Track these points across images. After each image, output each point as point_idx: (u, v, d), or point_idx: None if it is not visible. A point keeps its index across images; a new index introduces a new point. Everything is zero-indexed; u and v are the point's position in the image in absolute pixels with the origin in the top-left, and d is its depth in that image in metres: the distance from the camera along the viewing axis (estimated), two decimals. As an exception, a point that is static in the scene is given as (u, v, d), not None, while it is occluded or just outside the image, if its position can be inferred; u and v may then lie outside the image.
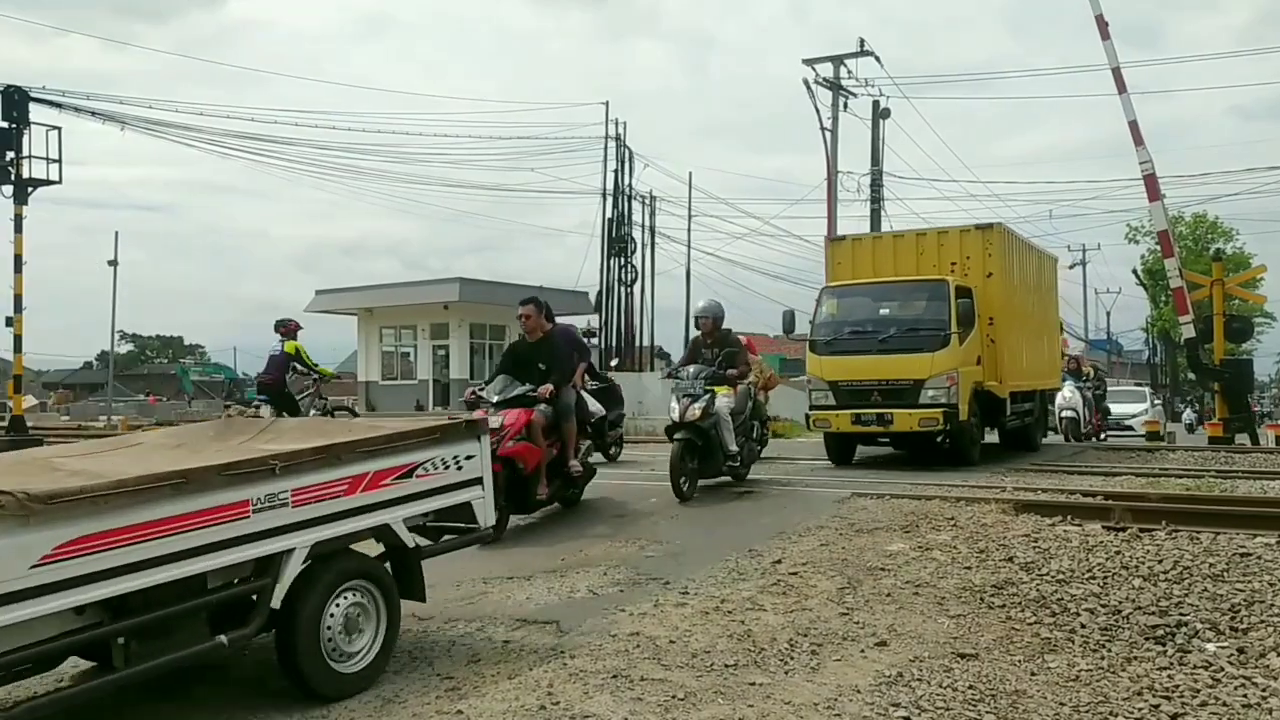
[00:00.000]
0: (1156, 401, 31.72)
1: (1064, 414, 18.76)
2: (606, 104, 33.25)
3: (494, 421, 7.42)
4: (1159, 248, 46.99)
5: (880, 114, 29.16)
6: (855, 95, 29.01)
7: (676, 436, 9.25)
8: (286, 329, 13.54)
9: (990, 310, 13.19)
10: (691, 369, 9.59)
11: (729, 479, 10.11)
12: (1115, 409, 25.72)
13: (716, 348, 9.84)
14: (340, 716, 4.32)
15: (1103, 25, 19.26)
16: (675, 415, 9.24)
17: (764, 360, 13.60)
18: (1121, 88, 19.59)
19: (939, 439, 12.73)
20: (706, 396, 9.24)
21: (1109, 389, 35.20)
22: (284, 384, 13.21)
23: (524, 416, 7.97)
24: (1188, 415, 36.27)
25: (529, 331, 8.65)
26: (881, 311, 12.85)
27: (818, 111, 28.45)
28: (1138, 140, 19.64)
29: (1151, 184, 19.87)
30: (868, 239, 14.85)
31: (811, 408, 12.83)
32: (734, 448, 9.58)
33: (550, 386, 8.28)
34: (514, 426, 7.84)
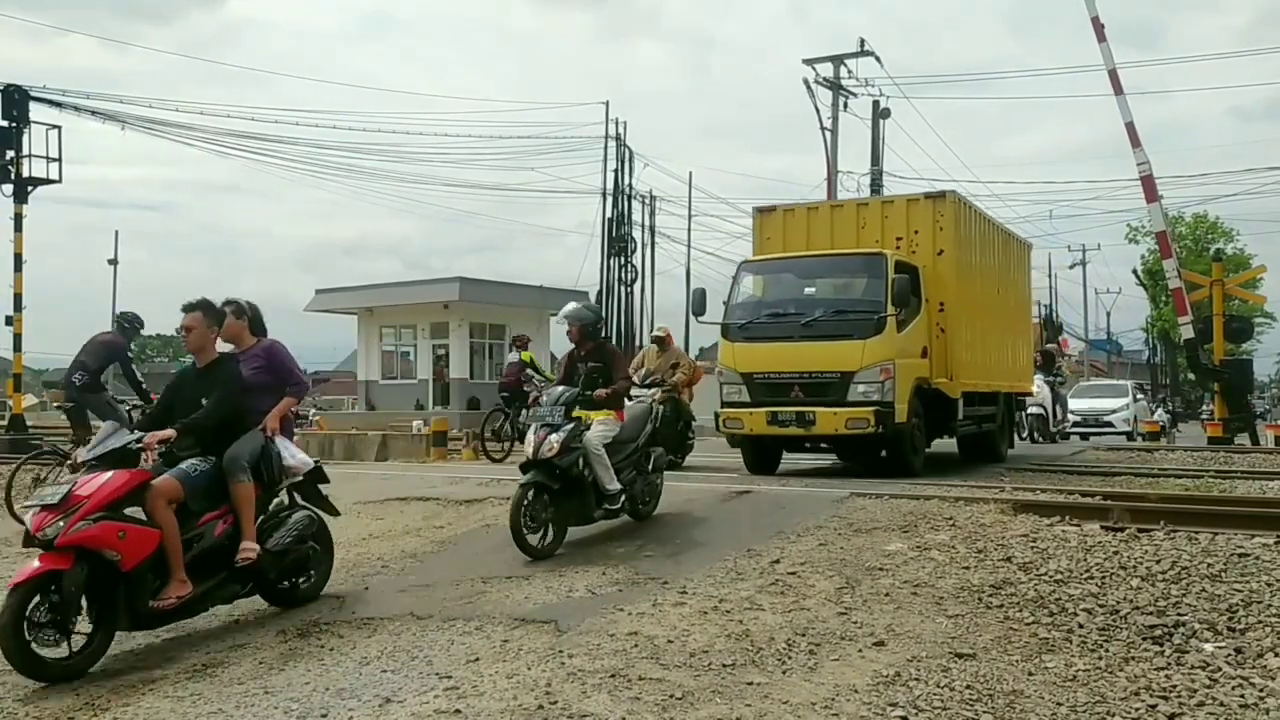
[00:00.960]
0: (1139, 397, 28.83)
1: (1030, 410, 17.25)
2: (606, 104, 33.32)
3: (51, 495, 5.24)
4: (1154, 251, 47.14)
5: (880, 114, 29.15)
6: (855, 95, 29.02)
7: (523, 480, 7.22)
8: (520, 342, 15.72)
9: (941, 294, 11.35)
10: (555, 391, 7.58)
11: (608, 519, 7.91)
12: (1092, 405, 24.72)
13: (591, 361, 7.89)
14: (340, 716, 4.33)
15: (1099, 27, 19.34)
16: (528, 451, 7.30)
17: (681, 351, 12.93)
18: (1118, 89, 19.67)
19: (877, 446, 11.03)
20: (568, 427, 7.29)
21: (1087, 384, 32.54)
22: (519, 385, 14.93)
23: (121, 481, 5.37)
24: (1159, 415, 31.43)
25: (195, 351, 6.22)
26: (806, 291, 11.10)
27: (818, 111, 28.46)
28: (1135, 141, 19.73)
29: (1149, 185, 19.95)
30: (801, 209, 12.34)
31: (722, 405, 10.97)
32: (614, 486, 7.47)
33: (168, 433, 5.69)
34: (95, 498, 5.21)
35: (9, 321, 21.64)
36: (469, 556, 7.46)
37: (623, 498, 7.63)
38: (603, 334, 7.81)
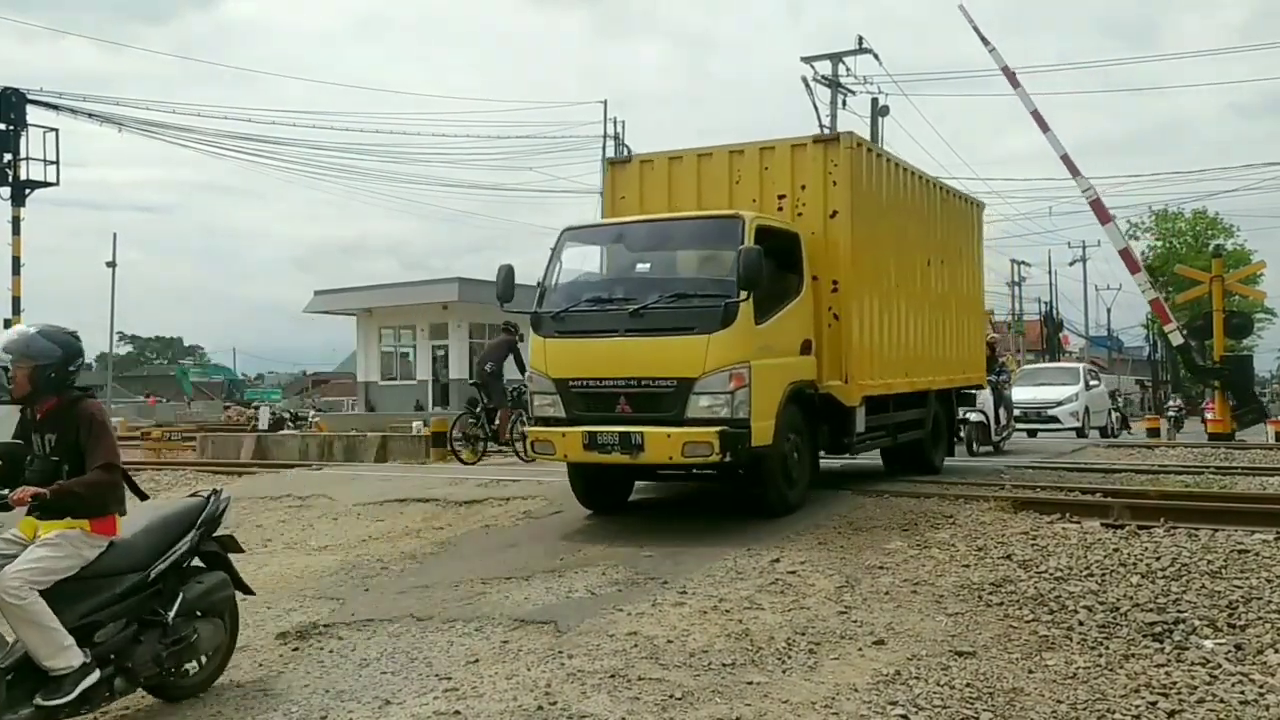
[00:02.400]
0: (1094, 383, 23.26)
1: (969, 416, 14.05)
2: (605, 103, 33.31)
3: None
4: (1157, 247, 47.27)
5: (879, 111, 29.13)
6: (854, 93, 28.97)
7: None
8: (509, 330, 14.28)
9: (833, 269, 8.67)
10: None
11: None
12: (1034, 395, 20.39)
13: (48, 431, 4.39)
14: (339, 717, 4.33)
15: (1010, 76, 20.06)
16: None
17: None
18: (1045, 128, 20.30)
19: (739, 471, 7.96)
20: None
21: (1031, 368, 26.70)
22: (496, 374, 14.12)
23: None
24: (1171, 409, 27.40)
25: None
26: (639, 269, 8.44)
27: (816, 109, 28.40)
28: (1074, 171, 20.27)
29: (1099, 208, 20.43)
30: (662, 160, 9.49)
31: (532, 420, 8.33)
32: (60, 662, 4.06)
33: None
34: None
35: (8, 325, 21.63)
36: (468, 558, 7.45)
37: (89, 680, 4.12)
38: (71, 383, 4.44)
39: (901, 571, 6.46)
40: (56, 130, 21.88)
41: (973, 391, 13.06)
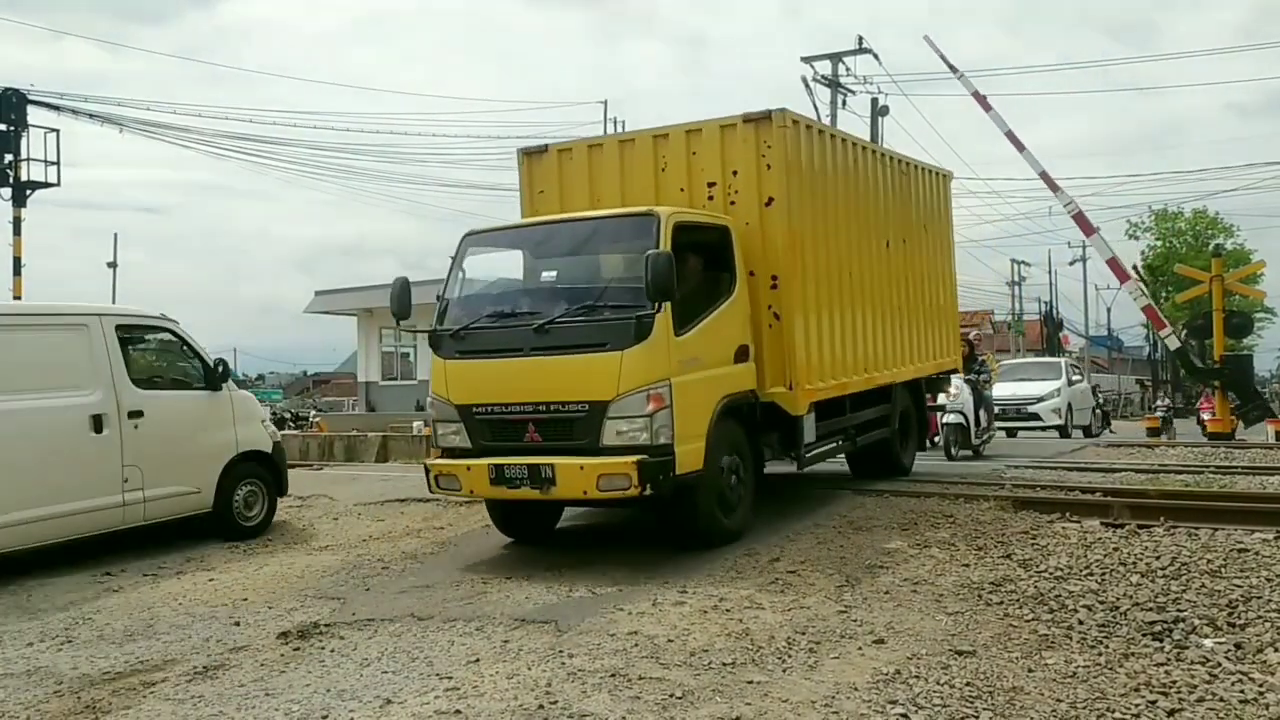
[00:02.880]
0: (1076, 378, 22.17)
1: (947, 418, 13.29)
2: (605, 103, 33.35)
3: None
4: (1157, 247, 47.29)
5: (879, 111, 29.15)
6: (854, 93, 29.01)
7: None
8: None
9: (772, 263, 7.82)
10: None
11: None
12: (1014, 391, 19.17)
13: None
14: (340, 717, 4.34)
15: (981, 100, 20.30)
16: None
17: None
18: (1020, 147, 20.55)
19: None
20: None
21: (1012, 362, 24.97)
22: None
23: None
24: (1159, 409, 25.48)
25: None
26: (545, 277, 7.61)
27: (816, 109, 28.40)
28: (1054, 187, 20.47)
29: (1082, 221, 20.58)
30: (581, 148, 8.69)
31: (438, 451, 7.48)
32: None
33: None
34: None
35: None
36: (469, 557, 7.47)
37: None
38: None
39: (901, 571, 6.46)
40: (57, 131, 21.91)
41: (946, 376, 12.21)
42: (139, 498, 7.93)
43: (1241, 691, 4.40)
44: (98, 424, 7.69)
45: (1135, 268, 45.14)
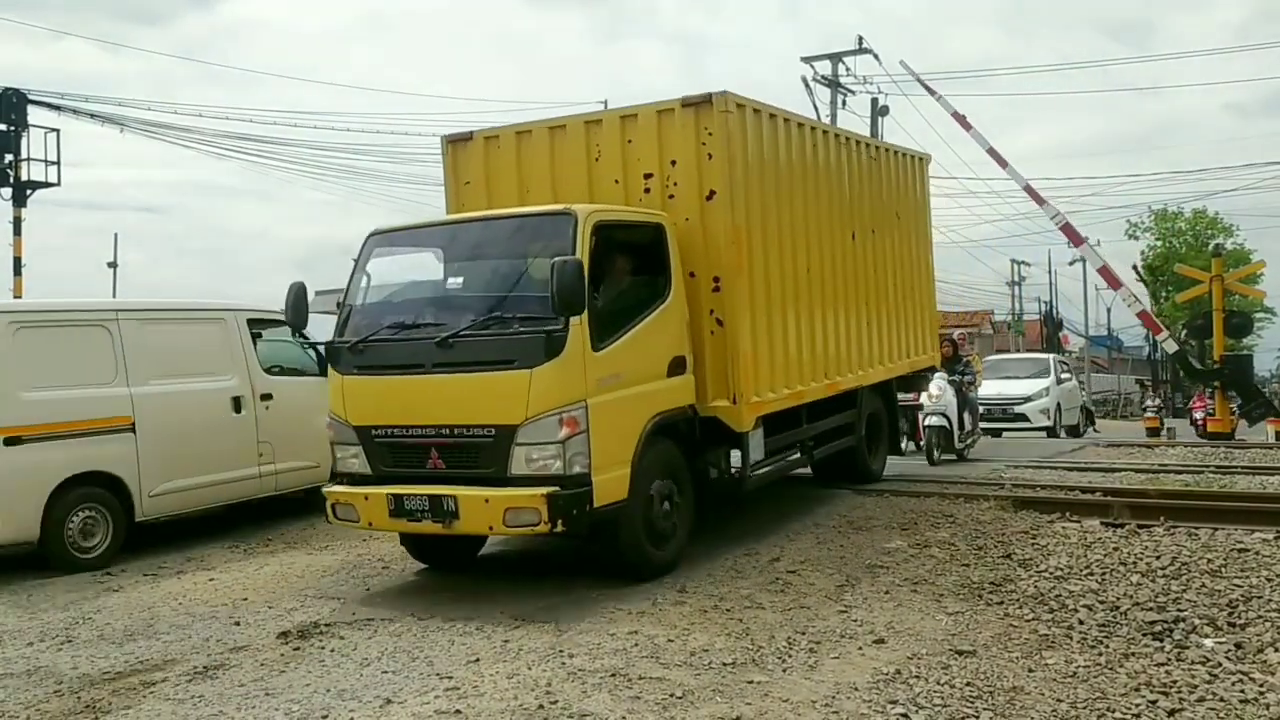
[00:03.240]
0: (1065, 376, 20.74)
1: (929, 420, 12.48)
2: (605, 103, 33.16)
3: None
4: (1157, 247, 47.31)
5: (879, 111, 29.14)
6: (854, 93, 28.99)
7: None
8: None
9: (714, 263, 7.05)
10: None
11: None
12: (1000, 389, 17.77)
13: None
14: (340, 717, 4.34)
15: (961, 119, 20.46)
16: None
17: None
18: (1003, 164, 20.63)
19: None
20: None
21: (996, 358, 23.54)
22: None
23: None
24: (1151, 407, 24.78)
25: None
26: (450, 284, 6.97)
27: (815, 109, 28.38)
28: (1039, 200, 20.56)
29: (1070, 232, 20.71)
30: (509, 135, 7.75)
31: (333, 477, 6.64)
32: None
33: None
34: None
35: (9, 325, 21.64)
36: (469, 557, 7.46)
37: None
38: None
39: (901, 570, 6.47)
40: (58, 131, 21.85)
41: (924, 374, 11.45)
42: (271, 470, 8.97)
43: (1242, 691, 4.40)
44: (237, 405, 8.76)
45: (1135, 268, 45.26)
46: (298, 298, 6.82)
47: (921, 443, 12.59)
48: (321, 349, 8.94)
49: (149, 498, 8.00)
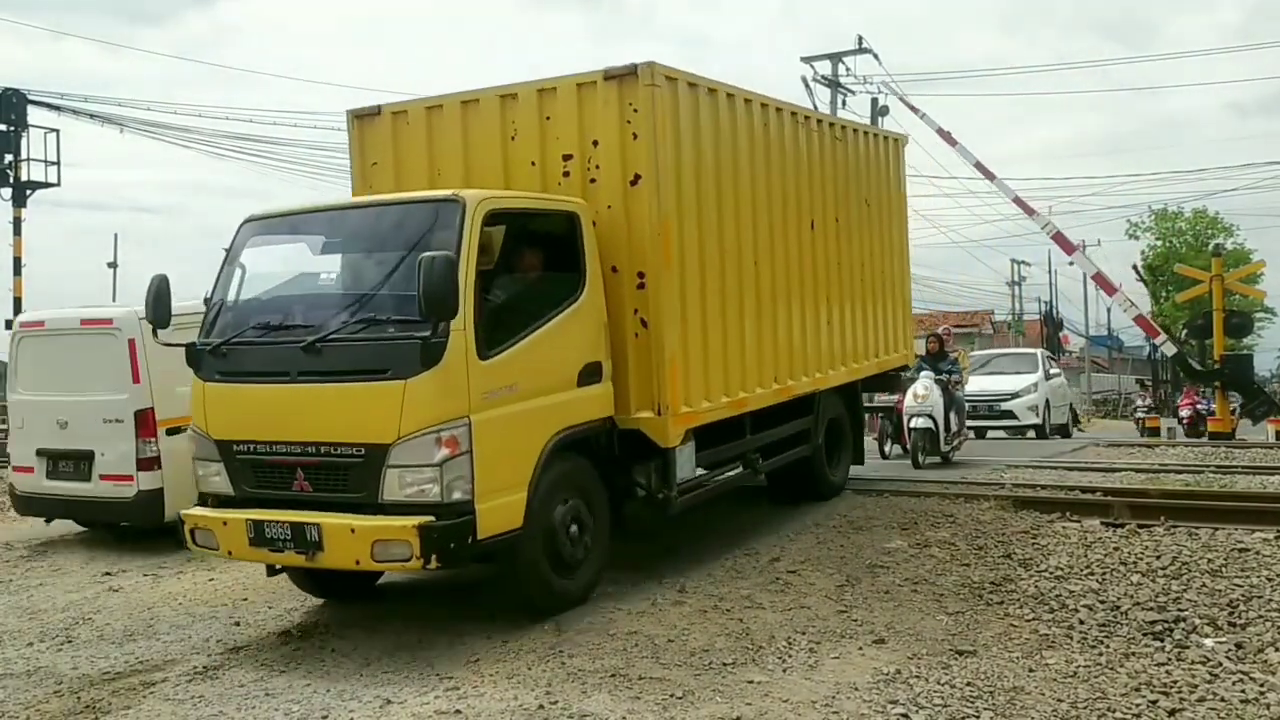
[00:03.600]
0: (1054, 372, 19.64)
1: (914, 422, 11.80)
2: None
3: None
4: (1157, 246, 47.32)
5: (879, 111, 29.12)
6: (854, 93, 28.98)
7: None
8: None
9: (638, 257, 6.27)
10: None
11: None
12: (985, 386, 16.73)
13: None
14: (340, 717, 4.34)
15: (945, 136, 20.66)
16: None
17: None
18: (990, 177, 20.76)
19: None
20: None
21: (982, 353, 22.50)
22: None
23: None
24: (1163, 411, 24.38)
25: None
26: (323, 279, 6.27)
27: (815, 109, 28.45)
28: (1029, 211, 20.72)
29: (1062, 240, 20.80)
30: (418, 110, 6.98)
31: (200, 497, 5.82)
32: None
33: None
34: None
35: (9, 325, 21.65)
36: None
37: None
38: None
39: (902, 570, 6.46)
40: (58, 131, 21.90)
41: (895, 374, 10.60)
42: None
43: (1242, 691, 4.40)
44: None
45: (1135, 268, 45.29)
46: (158, 293, 5.86)
47: (908, 446, 11.98)
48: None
49: None
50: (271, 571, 5.91)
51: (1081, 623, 5.39)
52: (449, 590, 6.46)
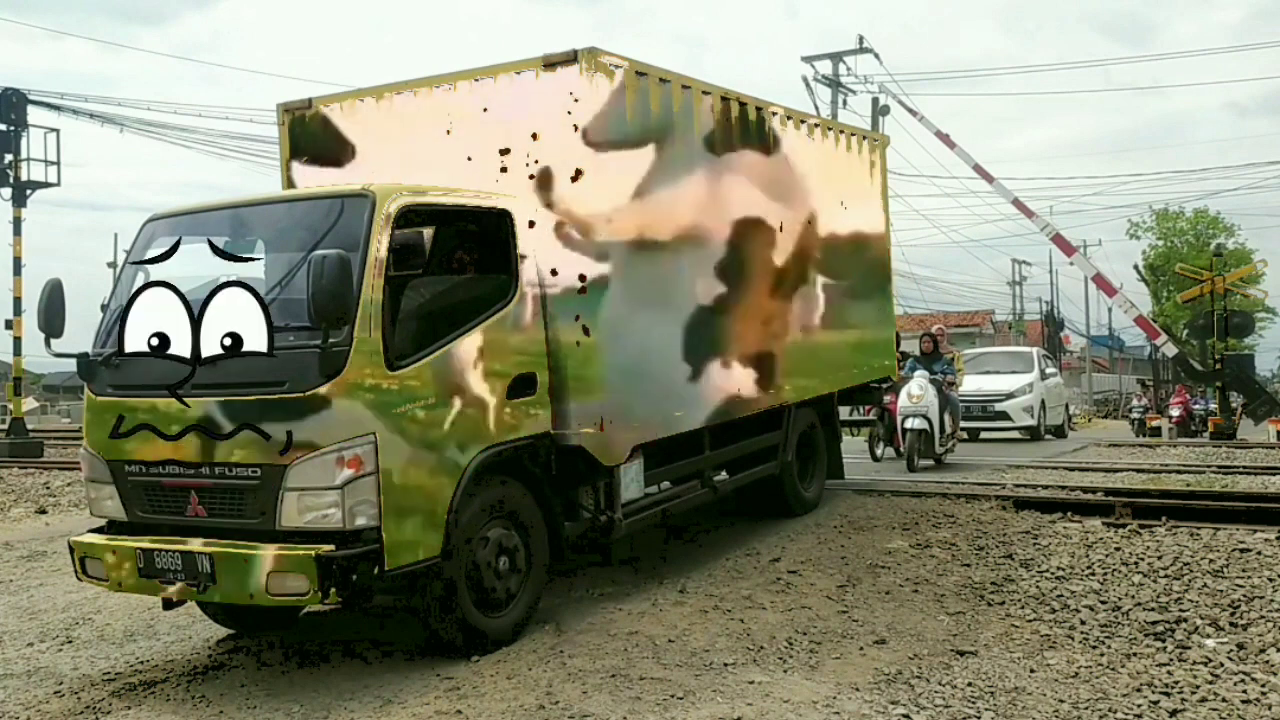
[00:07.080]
0: (1050, 372, 18.92)
1: (909, 423, 11.60)
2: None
3: None
4: (1158, 246, 47.31)
5: (880, 111, 29.12)
6: (854, 93, 28.98)
7: None
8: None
9: (578, 260, 5.79)
10: None
11: None
12: (979, 386, 16.15)
13: None
14: (340, 716, 4.33)
15: (944, 138, 20.70)
16: None
17: None
18: (989, 179, 20.81)
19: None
20: None
21: (975, 351, 21.84)
22: None
23: None
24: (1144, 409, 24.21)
25: None
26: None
27: (816, 109, 28.41)
28: (1028, 213, 20.74)
29: (1061, 243, 20.91)
30: (351, 101, 6.56)
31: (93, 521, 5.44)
32: None
33: None
34: None
35: (9, 325, 21.64)
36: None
37: None
38: None
39: (903, 571, 6.46)
40: (58, 131, 21.87)
41: (877, 385, 10.14)
42: None
43: (1244, 692, 4.40)
44: None
45: (1137, 267, 45.29)
46: (51, 296, 5.31)
47: (903, 449, 11.83)
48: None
49: None
50: (168, 605, 5.24)
51: (1083, 623, 5.38)
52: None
